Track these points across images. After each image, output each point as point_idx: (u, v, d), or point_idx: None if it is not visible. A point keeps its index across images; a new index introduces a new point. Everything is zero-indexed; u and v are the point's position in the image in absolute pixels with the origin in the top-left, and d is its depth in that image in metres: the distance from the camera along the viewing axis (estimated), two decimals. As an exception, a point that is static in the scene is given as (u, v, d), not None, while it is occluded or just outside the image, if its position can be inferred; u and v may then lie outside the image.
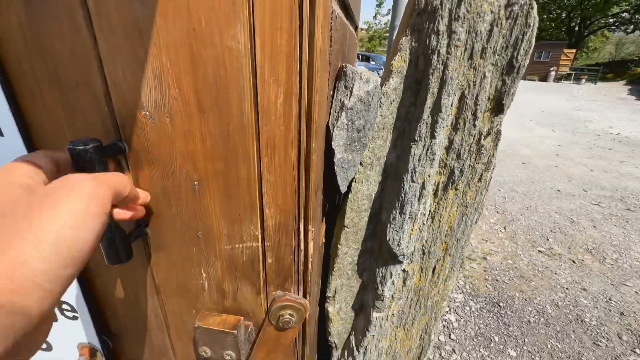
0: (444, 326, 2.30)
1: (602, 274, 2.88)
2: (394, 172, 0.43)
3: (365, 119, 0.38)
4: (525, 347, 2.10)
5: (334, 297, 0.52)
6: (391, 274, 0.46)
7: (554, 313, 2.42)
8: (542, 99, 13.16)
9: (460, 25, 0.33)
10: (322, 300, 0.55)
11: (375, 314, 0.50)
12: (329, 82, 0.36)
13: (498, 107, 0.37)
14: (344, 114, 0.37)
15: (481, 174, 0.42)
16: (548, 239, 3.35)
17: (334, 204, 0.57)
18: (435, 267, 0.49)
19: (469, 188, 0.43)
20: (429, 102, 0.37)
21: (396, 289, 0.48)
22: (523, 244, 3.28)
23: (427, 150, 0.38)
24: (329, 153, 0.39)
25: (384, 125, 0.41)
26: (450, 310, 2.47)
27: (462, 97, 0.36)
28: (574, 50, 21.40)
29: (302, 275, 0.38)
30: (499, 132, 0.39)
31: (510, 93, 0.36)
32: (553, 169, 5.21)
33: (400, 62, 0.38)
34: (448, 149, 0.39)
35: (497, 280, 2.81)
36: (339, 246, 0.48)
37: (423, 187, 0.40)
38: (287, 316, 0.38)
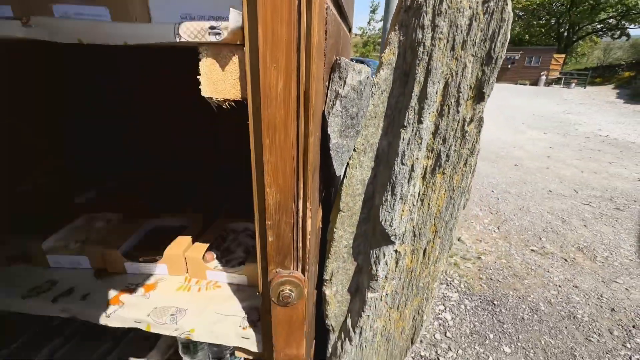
0: (439, 324, 2.33)
1: (593, 271, 2.94)
2: (386, 159, 0.46)
3: (358, 107, 0.41)
4: (519, 344, 2.13)
5: (330, 279, 0.55)
6: (384, 254, 0.49)
7: (547, 310, 2.46)
8: (533, 102, 13.40)
9: (442, 20, 0.36)
10: (320, 285, 0.57)
11: (370, 295, 0.52)
12: (324, 74, 0.39)
13: (479, 95, 0.41)
14: (338, 102, 0.40)
15: (466, 159, 0.45)
16: (541, 239, 3.41)
17: (330, 194, 0.60)
18: (425, 248, 0.51)
19: (455, 172, 0.46)
20: (416, 90, 0.40)
21: (389, 269, 0.50)
22: (516, 243, 3.33)
23: (415, 134, 0.41)
24: (324, 139, 0.42)
25: (376, 114, 0.44)
26: (445, 308, 2.49)
27: (446, 86, 0.40)
28: (564, 55, 21.87)
29: (301, 252, 0.41)
30: (481, 119, 0.43)
31: (489, 82, 0.40)
32: (545, 171, 5.30)
33: (390, 55, 0.42)
34: (435, 134, 0.42)
35: (491, 279, 2.85)
36: (335, 229, 0.51)
37: (412, 169, 0.43)
38: (287, 291, 0.40)
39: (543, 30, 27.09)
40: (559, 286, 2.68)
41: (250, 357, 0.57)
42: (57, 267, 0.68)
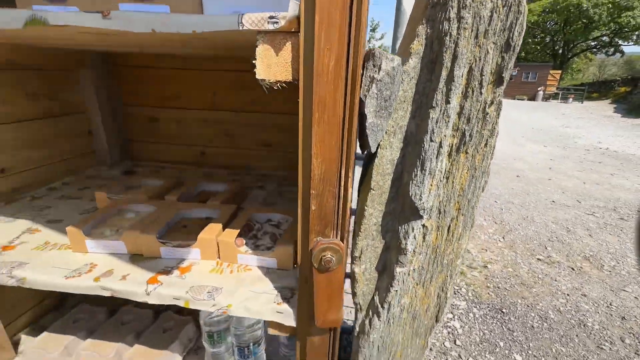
0: (448, 332, 2.31)
1: (601, 280, 2.92)
2: (414, 139, 0.51)
3: (390, 90, 0.46)
4: (530, 352, 2.11)
5: (360, 257, 0.58)
6: (413, 229, 0.53)
7: (557, 318, 2.44)
8: (532, 116, 13.58)
9: (467, 12, 0.42)
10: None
11: (398, 269, 0.56)
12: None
13: (499, 79, 0.46)
14: (374, 85, 0.45)
15: (487, 140, 0.50)
16: (546, 248, 3.41)
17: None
18: (449, 225, 0.55)
19: (477, 152, 0.51)
20: (444, 74, 0.45)
21: (417, 243, 0.54)
22: (522, 252, 3.33)
23: (443, 114, 0.46)
24: (360, 121, 0.47)
25: (405, 98, 0.49)
26: (454, 316, 2.48)
27: (470, 70, 0.45)
28: (560, 71, 22.36)
29: (341, 221, 0.44)
30: (500, 103, 0.48)
31: (508, 67, 0.45)
32: (546, 182, 5.34)
33: (418, 46, 0.47)
34: (460, 114, 0.47)
35: (498, 287, 2.83)
36: (365, 207, 0.55)
37: (440, 145, 0.47)
38: (329, 256, 0.44)
39: (538, 48, 27.83)
40: (568, 295, 2.67)
41: (284, 333, 0.60)
42: (94, 252, 0.72)
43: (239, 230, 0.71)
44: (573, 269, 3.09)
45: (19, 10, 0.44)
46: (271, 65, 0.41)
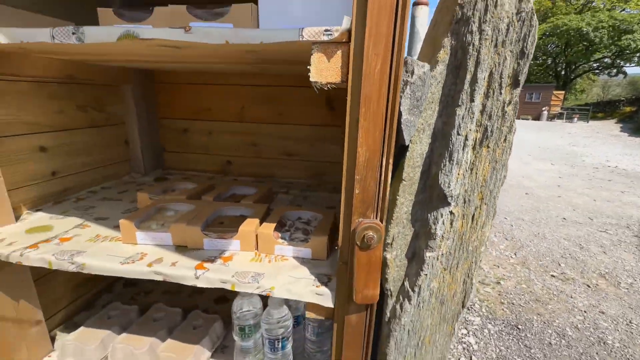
0: (463, 348, 2.27)
1: (618, 297, 2.86)
2: (441, 135, 0.58)
3: (421, 92, 0.54)
4: (549, 369, 2.06)
5: (391, 244, 0.64)
6: (442, 215, 0.58)
7: (575, 335, 2.39)
8: (538, 136, 13.63)
9: (487, 26, 0.50)
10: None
11: (428, 254, 0.61)
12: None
13: (515, 82, 0.53)
14: (408, 87, 0.53)
15: (506, 135, 0.57)
16: (560, 264, 3.37)
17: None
18: (474, 214, 0.61)
19: (497, 146, 0.57)
20: (468, 77, 0.53)
21: (445, 229, 0.60)
22: (535, 269, 3.29)
23: (468, 111, 0.53)
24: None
25: (433, 99, 0.57)
26: (468, 332, 2.44)
27: (491, 74, 0.53)
28: (563, 92, 22.63)
29: (381, 203, 0.51)
30: (517, 102, 0.55)
31: (523, 72, 0.53)
32: (556, 199, 5.31)
33: (444, 55, 0.55)
34: (482, 112, 0.54)
35: (513, 303, 2.79)
36: (397, 197, 0.61)
37: (466, 138, 0.54)
38: (370, 234, 0.50)
39: (541, 69, 28.35)
40: (585, 312, 2.61)
41: (321, 316, 0.65)
42: (143, 243, 0.79)
43: (275, 224, 0.78)
44: (589, 286, 3.03)
45: (115, 27, 0.53)
46: (323, 70, 0.49)
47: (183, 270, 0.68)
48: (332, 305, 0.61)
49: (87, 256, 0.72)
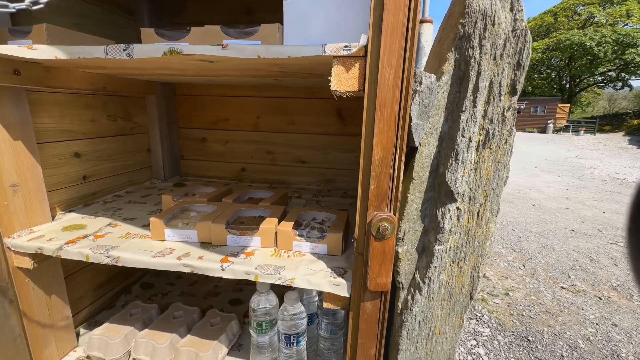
0: (473, 359, 2.26)
1: (631, 310, 2.82)
2: (447, 138, 0.64)
3: (429, 99, 0.61)
4: (562, 381, 2.03)
5: (403, 239, 0.69)
6: (449, 210, 0.64)
7: (587, 348, 2.36)
8: (544, 148, 13.58)
9: (486, 42, 0.57)
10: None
11: (437, 247, 0.66)
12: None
13: (513, 90, 0.60)
14: (417, 95, 0.60)
15: (506, 139, 0.63)
16: (570, 276, 3.33)
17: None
18: (479, 210, 0.66)
19: (499, 148, 0.63)
20: (470, 86, 0.59)
21: (452, 223, 0.65)
22: (544, 280, 3.26)
23: (471, 115, 0.59)
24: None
25: (439, 106, 0.64)
26: (478, 343, 2.42)
27: (491, 83, 0.59)
28: (569, 105, 22.66)
29: (394, 197, 0.56)
30: (515, 109, 0.61)
31: (520, 81, 0.59)
32: (564, 211, 5.27)
33: (448, 67, 0.62)
34: (484, 116, 0.61)
35: (522, 315, 2.76)
36: (408, 195, 0.67)
37: (470, 140, 0.60)
38: (385, 225, 0.56)
39: (545, 82, 28.51)
40: (597, 324, 2.58)
41: (337, 306, 0.70)
42: (171, 240, 0.85)
43: (293, 223, 0.84)
44: (600, 298, 2.99)
45: (160, 44, 0.61)
46: (342, 80, 0.57)
47: (210, 263, 0.73)
48: (347, 295, 0.66)
49: (121, 250, 0.79)
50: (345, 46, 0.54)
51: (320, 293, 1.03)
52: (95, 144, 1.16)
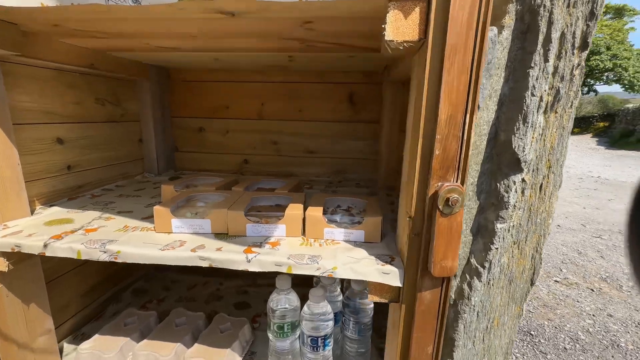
0: (480, 357, 2.20)
1: (623, 300, 2.88)
2: (508, 100, 0.57)
3: (492, 55, 0.53)
4: (569, 374, 2.01)
5: (457, 218, 0.61)
6: (514, 182, 0.56)
7: (588, 339, 2.37)
8: (522, 149, 14.05)
9: (559, -13, 0.51)
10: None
11: (499, 225, 0.58)
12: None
13: (584, 44, 0.53)
14: (480, 49, 0.52)
15: (572, 101, 0.56)
16: (561, 270, 3.38)
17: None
18: (542, 184, 0.59)
19: (565, 112, 0.57)
20: (540, 38, 0.52)
21: (517, 197, 0.58)
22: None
23: (542, 71, 0.52)
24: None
25: (499, 65, 0.56)
26: (482, 340, 2.37)
27: (562, 35, 0.53)
28: (541, 109, 23.73)
29: (462, 164, 0.48)
30: (583, 67, 0.55)
31: (591, 33, 0.53)
32: (549, 207, 5.40)
33: (509, 20, 0.55)
34: (554, 74, 0.54)
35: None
36: (464, 167, 0.59)
37: (541, 99, 0.53)
38: (455, 196, 0.47)
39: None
40: (593, 315, 2.61)
41: (384, 299, 0.60)
42: (179, 232, 0.73)
43: (322, 208, 0.74)
44: (592, 290, 3.05)
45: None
46: (400, 28, 0.48)
47: (232, 255, 0.62)
48: (399, 284, 0.57)
49: (120, 244, 0.66)
50: (406, -14, 0.46)
51: (344, 290, 0.93)
52: (82, 130, 1.02)
